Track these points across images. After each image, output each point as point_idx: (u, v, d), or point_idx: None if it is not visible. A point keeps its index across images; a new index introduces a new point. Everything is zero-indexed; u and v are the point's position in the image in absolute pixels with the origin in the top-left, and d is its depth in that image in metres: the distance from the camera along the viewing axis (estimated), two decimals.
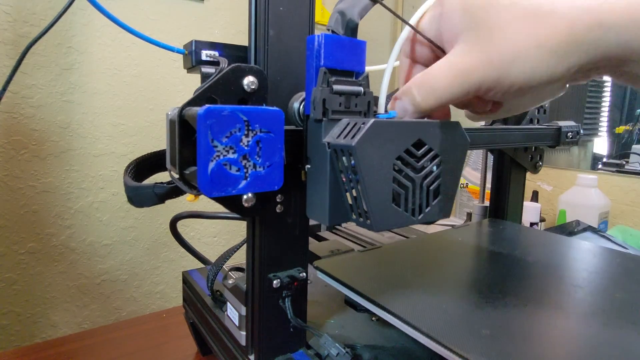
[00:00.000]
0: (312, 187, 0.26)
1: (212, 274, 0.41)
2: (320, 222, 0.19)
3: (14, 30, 0.68)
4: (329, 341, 0.31)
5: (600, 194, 0.80)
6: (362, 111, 0.26)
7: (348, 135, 0.23)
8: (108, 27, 0.76)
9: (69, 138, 0.75)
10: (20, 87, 0.69)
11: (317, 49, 0.24)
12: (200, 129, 0.22)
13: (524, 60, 0.21)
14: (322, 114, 0.24)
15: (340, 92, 0.25)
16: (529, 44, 0.21)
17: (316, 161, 0.25)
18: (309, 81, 0.25)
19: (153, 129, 0.84)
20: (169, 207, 0.80)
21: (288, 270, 0.31)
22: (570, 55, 0.21)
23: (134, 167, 0.34)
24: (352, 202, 0.24)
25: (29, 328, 0.74)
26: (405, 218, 0.24)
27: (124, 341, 0.53)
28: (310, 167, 0.26)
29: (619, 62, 0.21)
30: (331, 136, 0.24)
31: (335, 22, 0.25)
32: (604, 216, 0.80)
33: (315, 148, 0.25)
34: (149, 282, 0.87)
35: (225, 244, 0.98)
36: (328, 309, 0.39)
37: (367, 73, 0.26)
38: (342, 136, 0.23)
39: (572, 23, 0.20)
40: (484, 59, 0.22)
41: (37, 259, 0.74)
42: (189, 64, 0.36)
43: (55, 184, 0.74)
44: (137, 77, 0.81)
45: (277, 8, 0.28)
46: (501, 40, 0.22)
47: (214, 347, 0.41)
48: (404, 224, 0.24)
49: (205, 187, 0.22)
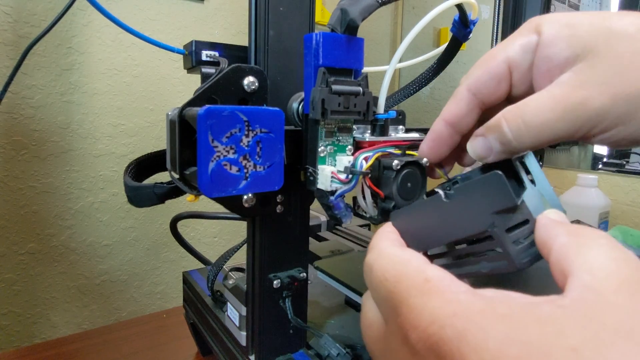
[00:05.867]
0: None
1: (212, 274, 0.41)
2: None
3: (14, 30, 0.68)
4: (329, 341, 0.31)
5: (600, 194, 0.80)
6: (361, 111, 0.26)
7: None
8: (108, 27, 0.76)
9: (69, 138, 0.75)
10: (21, 87, 0.69)
11: (315, 48, 0.24)
12: (200, 129, 0.22)
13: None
14: (321, 114, 0.24)
15: (339, 92, 0.25)
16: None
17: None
18: (307, 80, 0.25)
19: (153, 130, 0.84)
20: (169, 207, 0.80)
21: (288, 270, 0.31)
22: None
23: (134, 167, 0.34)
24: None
25: (29, 328, 0.74)
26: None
27: (124, 342, 0.53)
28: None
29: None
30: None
31: (336, 20, 0.25)
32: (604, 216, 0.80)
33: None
34: (149, 283, 0.87)
35: (226, 244, 0.98)
36: (328, 309, 0.39)
37: (366, 73, 0.26)
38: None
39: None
40: (609, 91, 0.19)
41: (37, 259, 0.74)
42: (189, 65, 0.36)
43: (56, 185, 0.74)
44: (137, 78, 0.81)
45: (277, 8, 0.28)
46: (629, 71, 0.19)
47: (214, 347, 0.41)
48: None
49: (206, 187, 0.22)
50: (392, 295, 0.18)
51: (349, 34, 0.25)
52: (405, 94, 0.37)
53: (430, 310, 0.16)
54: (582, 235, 0.16)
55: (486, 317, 0.14)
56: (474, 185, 0.20)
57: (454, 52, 0.35)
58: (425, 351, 0.15)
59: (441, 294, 0.16)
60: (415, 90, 0.37)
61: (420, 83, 0.37)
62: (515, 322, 0.14)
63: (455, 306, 0.15)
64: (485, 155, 0.22)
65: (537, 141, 0.20)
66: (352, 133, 0.27)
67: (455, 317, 0.15)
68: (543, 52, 0.21)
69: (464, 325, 0.14)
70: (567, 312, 0.13)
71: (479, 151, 0.22)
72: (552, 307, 0.14)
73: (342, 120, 0.26)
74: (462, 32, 0.34)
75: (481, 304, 0.15)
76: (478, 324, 0.14)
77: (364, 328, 0.22)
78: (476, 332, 0.14)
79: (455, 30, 0.34)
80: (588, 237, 0.16)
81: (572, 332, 0.13)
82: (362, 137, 0.27)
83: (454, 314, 0.15)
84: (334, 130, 0.26)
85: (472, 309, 0.15)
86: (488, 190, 0.19)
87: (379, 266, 0.19)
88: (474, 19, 0.33)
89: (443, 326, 0.15)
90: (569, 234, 0.17)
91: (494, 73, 0.22)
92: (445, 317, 0.15)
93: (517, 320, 0.14)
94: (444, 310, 0.15)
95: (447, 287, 0.16)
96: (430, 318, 0.15)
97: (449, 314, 0.15)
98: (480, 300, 0.15)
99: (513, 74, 0.22)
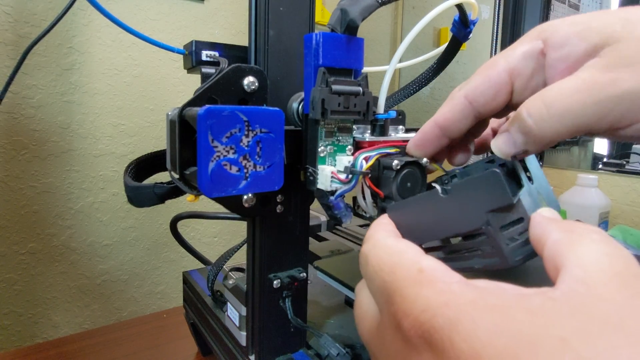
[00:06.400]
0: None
1: (212, 274, 0.41)
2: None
3: (15, 30, 0.68)
4: (329, 341, 0.31)
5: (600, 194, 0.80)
6: (361, 111, 0.26)
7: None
8: (108, 27, 0.76)
9: (70, 138, 0.75)
10: (21, 87, 0.69)
11: (315, 48, 0.24)
12: (200, 129, 0.22)
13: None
14: (321, 114, 0.24)
15: (339, 92, 0.25)
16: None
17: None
18: (307, 80, 0.25)
19: (153, 130, 0.84)
20: (169, 207, 0.80)
21: (288, 270, 0.31)
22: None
23: (134, 167, 0.34)
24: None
25: (30, 328, 0.74)
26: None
27: (124, 341, 0.53)
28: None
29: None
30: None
31: (335, 20, 0.25)
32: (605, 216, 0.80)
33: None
34: (149, 283, 0.87)
35: (226, 244, 0.98)
36: (328, 309, 0.39)
37: (365, 73, 0.26)
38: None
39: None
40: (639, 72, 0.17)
41: (37, 259, 0.74)
42: (189, 65, 0.36)
43: (56, 185, 0.74)
44: (137, 78, 0.81)
45: (277, 8, 0.28)
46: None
47: (215, 347, 0.41)
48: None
49: (206, 187, 0.22)
50: (386, 284, 0.18)
51: (349, 34, 0.25)
52: (405, 94, 0.37)
53: (422, 299, 0.16)
54: (575, 231, 0.16)
55: (477, 307, 0.14)
56: (471, 182, 0.20)
57: (454, 52, 0.35)
58: (416, 339, 0.16)
59: (434, 283, 0.16)
60: (415, 90, 0.37)
61: (420, 83, 0.37)
62: (505, 312, 0.14)
63: (447, 296, 0.15)
64: (508, 151, 0.21)
65: (560, 127, 0.19)
66: (352, 133, 0.27)
67: (446, 307, 0.15)
68: (557, 54, 0.20)
69: (455, 315, 0.14)
70: (557, 303, 0.14)
71: (502, 147, 0.21)
72: (542, 298, 0.14)
73: (342, 120, 0.26)
74: (462, 32, 0.34)
75: (473, 294, 0.15)
76: (469, 313, 0.14)
77: (358, 318, 0.22)
78: (467, 321, 0.14)
79: (455, 30, 0.34)
80: (581, 232, 0.16)
81: (561, 323, 0.13)
82: (362, 137, 0.27)
83: (446, 303, 0.15)
84: (334, 130, 0.27)
85: (463, 299, 0.15)
86: (485, 187, 0.19)
87: (374, 256, 0.20)
88: (474, 19, 0.33)
89: (435, 315, 0.15)
90: (562, 230, 0.17)
91: (493, 82, 0.22)
92: (437, 306, 0.15)
93: (508, 311, 0.14)
94: (436, 299, 0.15)
95: (440, 277, 0.17)
96: (423, 306, 0.16)
97: (440, 303, 0.15)
98: (472, 291, 0.15)
99: (515, 82, 0.22)
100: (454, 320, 0.14)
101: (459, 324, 0.14)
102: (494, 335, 0.13)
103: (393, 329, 0.17)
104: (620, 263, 0.15)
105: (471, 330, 0.14)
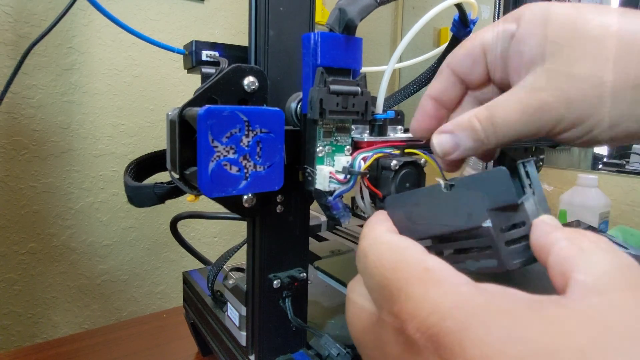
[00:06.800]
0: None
1: (212, 274, 0.41)
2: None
3: (15, 30, 0.68)
4: (329, 341, 0.31)
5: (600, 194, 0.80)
6: (360, 111, 0.26)
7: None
8: (108, 27, 0.76)
9: (70, 138, 0.75)
10: (21, 87, 0.69)
11: (313, 47, 0.24)
12: (200, 129, 0.22)
13: (615, 103, 0.18)
14: (319, 114, 0.24)
15: (338, 92, 0.25)
16: (621, 85, 0.18)
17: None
18: (305, 80, 0.25)
19: (153, 130, 0.84)
20: (169, 207, 0.80)
21: (288, 270, 0.31)
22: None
23: (134, 167, 0.34)
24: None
25: (30, 328, 0.74)
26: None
27: (124, 341, 0.53)
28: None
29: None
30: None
31: (334, 20, 0.25)
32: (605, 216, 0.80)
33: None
34: (149, 283, 0.87)
35: (226, 244, 0.98)
36: (328, 309, 0.39)
37: (364, 73, 0.26)
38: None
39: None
40: (562, 97, 0.19)
41: (37, 259, 0.74)
42: (189, 65, 0.36)
43: (56, 185, 0.74)
44: (137, 78, 0.81)
45: (277, 8, 0.28)
46: (584, 78, 0.19)
47: (215, 347, 0.41)
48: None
49: (206, 187, 0.22)
50: (388, 282, 0.17)
51: (348, 33, 0.25)
52: (405, 94, 0.37)
53: (430, 300, 0.15)
54: (583, 239, 0.16)
55: (489, 312, 0.14)
56: (477, 179, 0.20)
57: None
58: (423, 341, 0.15)
59: (442, 284, 0.16)
60: (415, 90, 0.37)
61: (420, 83, 0.37)
62: (518, 318, 0.13)
63: (456, 298, 0.15)
64: (451, 150, 0.22)
65: (503, 140, 0.21)
66: (351, 133, 0.27)
67: (456, 309, 0.14)
68: (516, 47, 0.21)
69: (465, 318, 0.14)
70: (571, 312, 0.13)
71: (446, 146, 0.23)
72: (556, 306, 0.14)
73: (340, 120, 0.26)
74: (462, 32, 0.34)
75: (483, 298, 0.15)
76: (480, 318, 0.14)
77: (351, 316, 0.21)
78: (478, 326, 0.14)
79: (455, 30, 0.34)
80: (589, 241, 0.16)
81: (579, 334, 0.13)
82: (361, 137, 0.27)
83: (456, 305, 0.15)
84: (332, 130, 0.26)
85: (474, 302, 0.14)
86: (491, 185, 0.19)
87: (375, 252, 0.19)
88: (474, 18, 0.33)
89: (444, 318, 0.14)
90: (568, 237, 0.17)
91: (469, 52, 0.24)
92: (446, 308, 0.15)
93: (521, 317, 0.14)
94: (445, 301, 0.15)
95: (448, 278, 0.16)
96: (431, 308, 0.15)
97: (450, 305, 0.15)
98: (482, 294, 0.15)
99: (487, 57, 0.23)
100: (465, 324, 0.14)
101: (470, 328, 0.14)
102: (508, 342, 0.13)
103: (394, 330, 0.17)
104: (630, 273, 0.14)
105: (483, 335, 0.13)
